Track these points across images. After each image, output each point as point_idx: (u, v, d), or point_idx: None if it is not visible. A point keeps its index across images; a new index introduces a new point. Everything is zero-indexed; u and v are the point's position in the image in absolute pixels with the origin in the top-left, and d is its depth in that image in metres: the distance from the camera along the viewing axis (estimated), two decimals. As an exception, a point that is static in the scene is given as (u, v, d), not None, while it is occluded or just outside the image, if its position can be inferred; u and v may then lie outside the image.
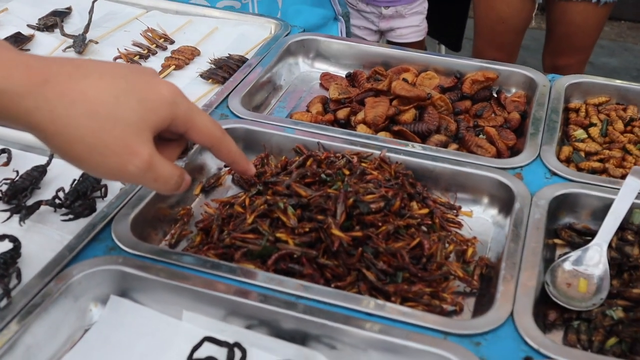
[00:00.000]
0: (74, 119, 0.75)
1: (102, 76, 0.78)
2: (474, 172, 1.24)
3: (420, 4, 3.21)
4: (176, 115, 0.83)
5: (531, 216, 1.13)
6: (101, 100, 0.77)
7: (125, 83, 0.79)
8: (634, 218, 1.15)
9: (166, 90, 0.82)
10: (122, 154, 0.78)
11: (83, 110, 0.75)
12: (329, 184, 1.16)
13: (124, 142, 0.78)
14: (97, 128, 0.76)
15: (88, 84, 0.77)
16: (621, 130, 1.39)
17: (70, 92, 0.75)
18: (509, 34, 3.12)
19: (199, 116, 0.87)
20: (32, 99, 0.73)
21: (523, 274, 1.02)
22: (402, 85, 1.41)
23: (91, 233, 1.07)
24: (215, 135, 0.90)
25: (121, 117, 0.77)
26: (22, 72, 0.73)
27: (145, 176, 0.81)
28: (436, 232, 1.15)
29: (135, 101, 0.79)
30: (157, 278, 1.00)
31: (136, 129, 0.79)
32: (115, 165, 0.79)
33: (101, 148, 0.77)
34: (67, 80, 0.76)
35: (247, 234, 1.08)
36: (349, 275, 1.04)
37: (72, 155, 0.78)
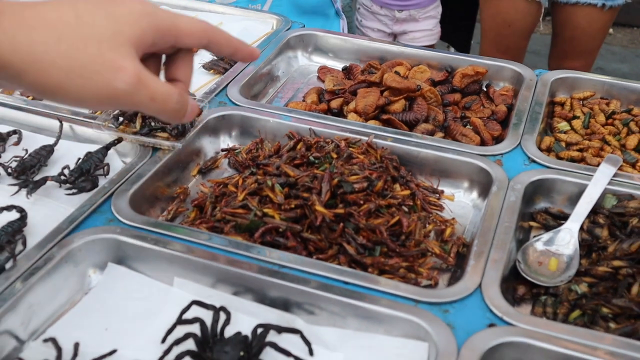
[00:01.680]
0: (38, 45, 0.69)
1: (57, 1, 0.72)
2: (456, 158, 1.30)
3: (434, 8, 3.25)
4: (157, 25, 0.75)
5: (507, 199, 1.20)
6: (63, 21, 0.70)
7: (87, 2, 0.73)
8: (606, 202, 1.21)
9: (138, 3, 0.75)
10: (103, 71, 0.71)
11: (46, 34, 0.69)
12: (316, 165, 1.23)
13: (102, 58, 0.71)
14: (66, 49, 0.70)
15: (46, 9, 0.71)
16: (602, 122, 1.45)
17: (28, 19, 0.69)
18: (514, 38, 3.16)
19: (183, 19, 0.78)
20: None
21: (494, 251, 1.09)
22: (393, 77, 1.48)
23: (92, 206, 1.14)
24: (207, 30, 0.79)
25: (90, 34, 0.71)
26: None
27: (139, 93, 0.72)
28: (417, 212, 1.21)
29: (102, 17, 0.72)
30: (151, 247, 1.08)
31: (112, 44, 0.72)
32: (101, 85, 0.71)
33: (78, 69, 0.70)
34: (22, 8, 0.70)
35: (237, 210, 1.15)
36: (330, 249, 1.11)
37: (52, 86, 0.70)
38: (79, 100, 0.73)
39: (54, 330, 1.00)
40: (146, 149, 1.29)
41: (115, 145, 1.30)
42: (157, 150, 1.29)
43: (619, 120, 1.44)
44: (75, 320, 1.02)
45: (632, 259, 1.09)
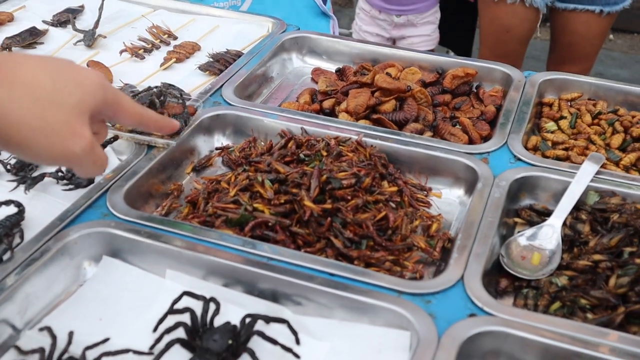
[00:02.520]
0: (16, 101, 0.76)
1: (38, 63, 0.82)
2: (444, 157, 1.34)
3: (432, 14, 3.29)
4: (106, 98, 0.86)
5: (491, 195, 1.23)
6: (40, 84, 0.79)
7: (60, 68, 0.82)
8: (588, 199, 1.24)
9: (95, 76, 0.86)
10: (66, 136, 0.80)
11: (24, 93, 0.77)
12: (306, 162, 1.26)
13: (67, 124, 0.80)
14: (40, 111, 0.78)
15: (26, 70, 0.79)
16: (589, 122, 1.48)
17: (9, 77, 0.77)
18: (513, 43, 3.19)
19: (124, 98, 0.91)
20: None
21: (477, 244, 1.12)
22: (384, 78, 1.51)
23: (88, 200, 1.18)
24: (140, 113, 0.94)
25: (62, 101, 0.80)
26: None
27: (88, 158, 0.84)
28: (404, 208, 1.25)
29: (73, 85, 0.82)
30: (144, 240, 1.11)
31: (77, 112, 0.81)
32: (60, 148, 0.80)
33: (46, 130, 0.79)
34: (6, 66, 0.78)
35: (229, 205, 1.19)
36: (318, 242, 1.14)
37: (18, 140, 0.78)
38: (36, 156, 0.82)
39: (50, 320, 1.03)
40: (141, 147, 1.32)
41: (112, 143, 1.34)
42: (152, 148, 1.33)
43: (605, 121, 1.47)
44: (70, 310, 1.06)
45: (612, 253, 1.12)
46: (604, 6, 2.93)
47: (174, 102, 1.38)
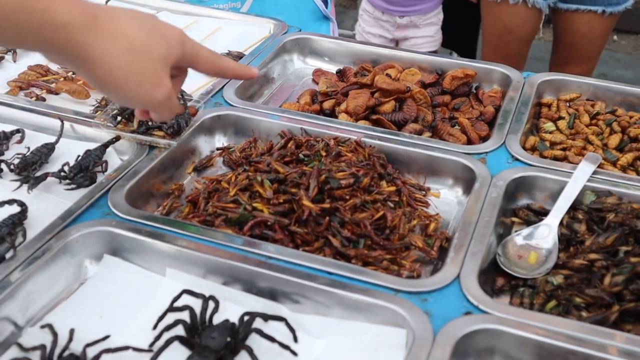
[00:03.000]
0: (115, 50, 0.87)
1: (133, 16, 0.91)
2: (442, 157, 1.35)
3: (435, 15, 3.30)
4: (184, 52, 0.96)
5: (489, 195, 1.24)
6: (135, 35, 0.89)
7: (149, 23, 0.92)
8: (585, 199, 1.25)
9: (177, 31, 0.96)
10: (152, 83, 0.91)
11: (123, 43, 0.88)
12: (305, 162, 1.28)
13: (154, 73, 0.91)
14: (133, 59, 0.89)
15: (123, 22, 0.89)
16: (587, 123, 1.49)
17: (112, 28, 0.87)
18: (515, 44, 3.20)
19: (202, 51, 1.01)
20: (87, 32, 0.85)
21: (473, 243, 1.13)
22: (384, 79, 1.52)
23: (90, 200, 1.20)
24: (217, 63, 1.03)
25: (151, 52, 0.91)
26: (79, 9, 0.84)
27: (166, 104, 0.95)
28: (402, 208, 1.26)
29: (160, 37, 0.92)
30: (145, 239, 1.13)
31: (163, 63, 0.92)
32: (146, 94, 0.92)
33: (136, 76, 0.90)
34: (110, 18, 0.88)
35: (228, 204, 1.20)
36: (316, 241, 1.15)
37: (113, 83, 0.90)
38: (126, 99, 0.94)
39: (51, 317, 1.05)
40: (143, 147, 1.34)
41: (114, 143, 1.35)
42: (154, 148, 1.34)
43: (603, 121, 1.48)
44: (71, 308, 1.07)
45: (607, 252, 1.13)
46: (606, 6, 2.93)
47: (175, 102, 1.39)
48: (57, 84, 1.55)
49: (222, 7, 1.99)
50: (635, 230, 1.13)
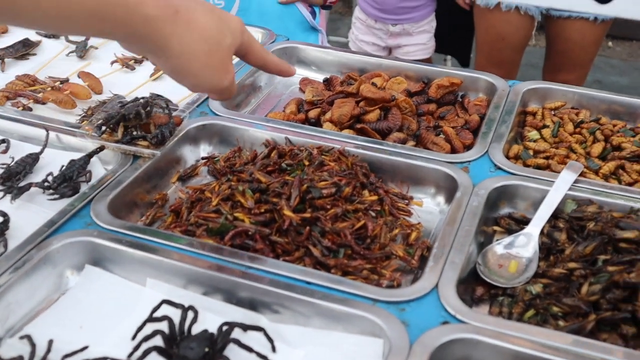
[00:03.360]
0: (193, 42, 0.95)
1: (205, 9, 0.98)
2: (425, 166, 1.35)
3: (428, 23, 3.31)
4: (242, 41, 1.04)
5: (470, 204, 1.24)
6: (209, 27, 0.97)
7: (217, 14, 1.00)
8: (566, 207, 1.26)
9: (239, 22, 1.04)
10: (222, 71, 1.00)
11: (199, 35, 0.96)
12: (288, 172, 1.28)
13: (223, 62, 1.00)
14: (207, 50, 0.97)
15: (199, 14, 0.96)
16: (570, 131, 1.49)
17: (190, 21, 0.94)
18: (508, 51, 3.21)
19: (255, 44, 1.09)
20: (169, 24, 0.92)
21: (453, 252, 1.13)
22: (369, 88, 1.53)
23: (72, 210, 1.20)
24: (264, 57, 1.11)
25: (222, 43, 0.99)
26: (164, 3, 0.91)
27: (228, 89, 1.04)
28: (384, 217, 1.26)
29: (227, 29, 1.00)
30: (126, 249, 1.13)
31: (229, 52, 1.01)
32: (216, 80, 1.01)
33: (210, 65, 0.98)
34: (187, 11, 0.95)
35: (210, 214, 1.21)
36: (297, 251, 1.16)
37: (188, 71, 0.98)
38: (197, 85, 1.03)
39: (31, 328, 1.05)
40: (127, 157, 1.35)
41: (98, 153, 1.36)
42: (138, 157, 1.35)
43: (586, 129, 1.49)
44: (52, 318, 1.08)
45: (586, 260, 1.13)
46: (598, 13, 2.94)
47: (160, 112, 1.40)
48: (44, 94, 1.56)
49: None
50: (613, 239, 1.13)
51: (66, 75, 1.67)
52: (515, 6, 2.98)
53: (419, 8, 3.22)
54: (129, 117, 1.35)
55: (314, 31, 2.14)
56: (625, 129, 1.49)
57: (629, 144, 1.42)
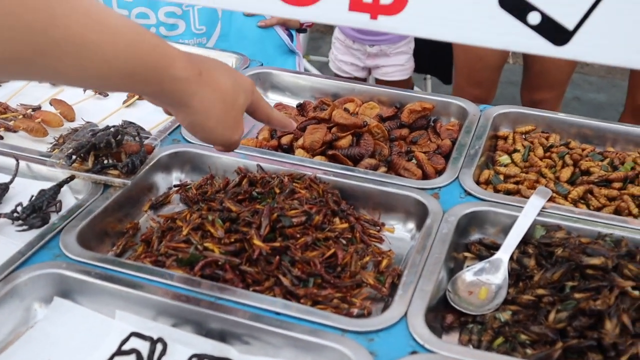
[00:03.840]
0: (213, 101, 1.01)
1: (224, 71, 1.05)
2: (396, 192, 1.36)
3: (405, 44, 3.32)
4: (252, 100, 1.11)
5: (440, 231, 1.25)
6: (227, 89, 1.04)
7: (233, 75, 1.07)
8: (535, 233, 1.27)
9: (250, 83, 1.11)
10: (234, 128, 1.07)
11: (218, 95, 1.02)
12: (258, 200, 1.29)
13: (236, 120, 1.07)
14: (224, 108, 1.04)
15: (218, 76, 1.03)
16: (541, 155, 1.51)
17: (212, 82, 1.01)
18: (486, 71, 3.24)
19: (262, 101, 1.15)
20: (194, 85, 0.98)
21: (422, 281, 1.14)
22: (341, 114, 1.54)
23: (41, 241, 1.20)
24: (269, 113, 1.17)
25: (236, 102, 1.06)
26: (190, 65, 0.97)
27: (237, 143, 1.11)
28: (355, 244, 1.27)
29: (241, 90, 1.07)
30: (95, 281, 1.13)
31: (241, 111, 1.09)
32: (229, 135, 1.07)
33: (224, 123, 1.05)
34: (209, 72, 1.01)
35: (180, 244, 1.20)
36: (267, 281, 1.15)
37: (206, 127, 1.04)
38: (211, 139, 1.08)
39: (-3, 363, 1.05)
40: (98, 186, 1.34)
41: (68, 182, 1.35)
42: (109, 186, 1.35)
43: (556, 154, 1.50)
44: (18, 352, 1.07)
45: (554, 287, 1.14)
46: (574, 34, 2.98)
47: (132, 140, 1.40)
48: (15, 122, 1.55)
49: (188, 43, 2.00)
50: (580, 265, 1.14)
51: (38, 103, 1.66)
52: (491, 27, 3.01)
53: None
54: (99, 146, 1.35)
55: (292, 54, 2.16)
56: (594, 153, 1.51)
57: (597, 168, 1.43)
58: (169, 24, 1.95)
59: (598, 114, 5.05)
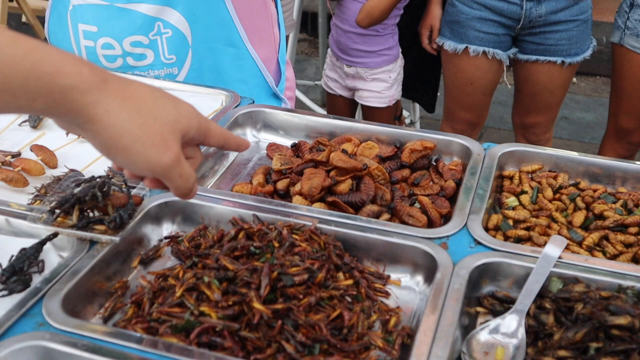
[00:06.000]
0: (125, 112, 0.88)
1: (144, 84, 0.94)
2: (401, 243, 1.28)
3: (383, 72, 3.26)
4: (199, 124, 0.99)
5: (451, 286, 1.17)
6: (145, 100, 0.91)
7: (160, 91, 0.96)
8: (552, 286, 1.20)
9: (190, 106, 0.99)
10: (159, 146, 0.91)
11: (132, 106, 0.89)
12: (256, 256, 1.20)
13: (162, 137, 0.91)
14: (141, 122, 0.89)
15: (135, 87, 0.91)
16: (550, 197, 1.44)
17: (123, 91, 0.89)
18: (477, 95, 3.20)
19: (212, 124, 1.04)
20: (95, 94, 0.86)
21: (436, 345, 1.06)
22: (340, 157, 1.46)
23: (21, 309, 1.10)
24: (225, 135, 1.07)
25: (160, 116, 0.91)
26: (88, 71, 0.86)
27: (175, 169, 0.94)
28: (361, 302, 1.19)
29: (171, 105, 0.95)
30: (81, 354, 1.04)
31: (171, 128, 0.93)
32: (153, 156, 0.91)
33: (143, 139, 0.89)
34: (120, 82, 0.90)
35: (173, 308, 1.12)
36: (269, 347, 1.07)
37: (119, 146, 0.89)
38: (132, 163, 0.92)
39: None
40: (83, 243, 1.25)
41: (51, 240, 1.26)
42: (95, 243, 1.26)
43: (566, 195, 1.43)
44: None
45: (577, 348, 1.07)
46: (566, 57, 2.95)
47: (119, 190, 1.31)
48: (-6, 171, 1.46)
49: (158, 74, 1.91)
50: (605, 324, 1.07)
51: (18, 149, 1.57)
52: (482, 51, 2.97)
53: (372, 54, 3.19)
54: (84, 200, 1.26)
55: (277, 99, 2.05)
56: (606, 194, 1.44)
57: (611, 212, 1.37)
58: (136, 54, 1.86)
59: (587, 134, 5.03)
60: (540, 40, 2.92)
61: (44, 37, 4.32)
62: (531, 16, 2.82)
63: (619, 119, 3.10)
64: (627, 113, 3.03)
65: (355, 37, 3.14)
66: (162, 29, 1.84)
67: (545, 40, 2.91)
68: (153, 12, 1.82)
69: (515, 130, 3.39)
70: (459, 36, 2.98)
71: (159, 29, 1.84)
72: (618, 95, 3.04)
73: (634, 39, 2.83)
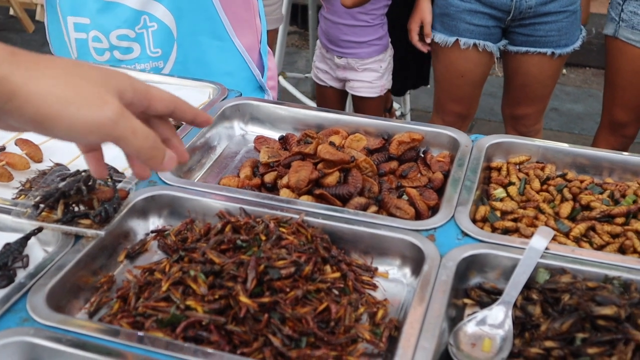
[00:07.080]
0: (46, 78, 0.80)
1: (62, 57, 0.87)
2: (388, 235, 1.28)
3: (374, 62, 3.26)
4: (135, 88, 0.89)
5: (438, 278, 1.17)
6: (65, 65, 0.84)
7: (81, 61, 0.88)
8: (539, 277, 1.20)
9: (119, 71, 0.92)
10: (94, 102, 0.82)
11: (53, 72, 0.81)
12: (243, 250, 1.20)
13: (93, 92, 0.82)
14: (67, 82, 0.81)
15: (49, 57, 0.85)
16: (537, 189, 1.44)
17: (37, 62, 0.82)
18: (468, 87, 3.20)
19: (154, 88, 0.94)
20: (7, 65, 0.78)
21: (423, 337, 1.06)
22: (327, 149, 1.46)
23: (5, 305, 1.09)
24: (172, 99, 0.96)
25: (86, 76, 0.84)
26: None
27: (123, 124, 0.84)
28: (348, 294, 1.18)
29: (96, 69, 0.87)
30: (66, 349, 1.03)
31: (102, 86, 0.84)
32: (91, 115, 0.81)
33: (76, 100, 0.81)
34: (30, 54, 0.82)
35: (159, 302, 1.11)
36: (255, 341, 1.07)
37: (50, 115, 0.80)
38: (72, 131, 0.82)
39: None
40: (68, 237, 1.24)
41: (36, 234, 1.25)
42: (80, 237, 1.25)
43: (554, 186, 1.43)
44: None
45: (564, 339, 1.07)
46: (555, 48, 2.95)
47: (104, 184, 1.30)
48: (-22, 166, 1.44)
49: (144, 67, 1.90)
50: (591, 315, 1.07)
51: (2, 143, 1.56)
52: (473, 43, 2.97)
53: (363, 45, 3.19)
54: (69, 194, 1.25)
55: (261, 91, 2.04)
56: (593, 185, 1.44)
57: (598, 202, 1.37)
58: (122, 47, 1.85)
59: (576, 125, 5.04)
60: (530, 32, 2.91)
61: (32, 30, 4.27)
62: (521, 8, 2.82)
63: (613, 112, 3.10)
64: (622, 106, 3.03)
65: (345, 29, 3.13)
66: (148, 22, 1.83)
67: (535, 32, 2.91)
68: (139, 5, 1.81)
69: (505, 121, 3.40)
70: (449, 29, 2.97)
71: (144, 23, 1.83)
72: (612, 88, 3.05)
73: (629, 31, 2.82)
